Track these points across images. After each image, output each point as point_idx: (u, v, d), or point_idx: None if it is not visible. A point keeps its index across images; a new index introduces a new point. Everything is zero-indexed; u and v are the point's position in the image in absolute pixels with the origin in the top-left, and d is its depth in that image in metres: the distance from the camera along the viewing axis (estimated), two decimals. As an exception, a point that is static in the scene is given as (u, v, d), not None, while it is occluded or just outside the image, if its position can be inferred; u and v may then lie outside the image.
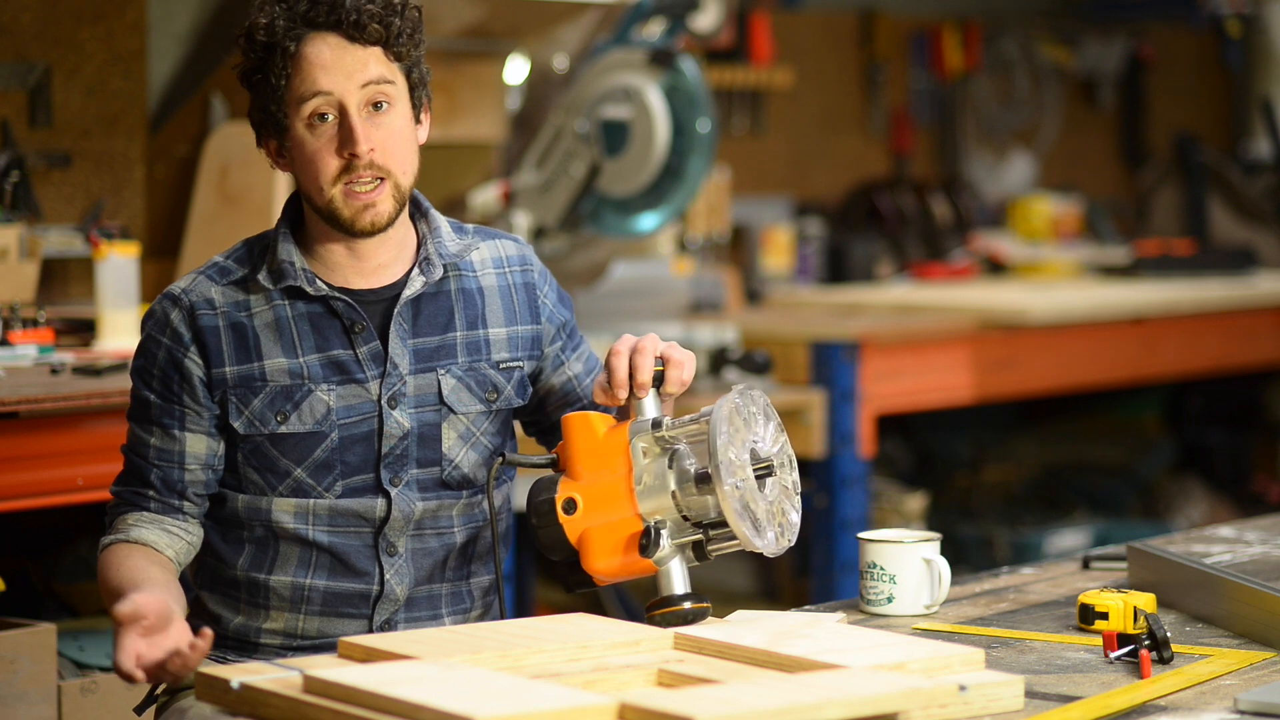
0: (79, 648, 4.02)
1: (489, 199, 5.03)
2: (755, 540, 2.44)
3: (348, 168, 2.64)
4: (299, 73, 2.64)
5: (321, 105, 2.64)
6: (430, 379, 2.72)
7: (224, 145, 4.75)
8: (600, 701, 2.06)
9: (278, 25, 2.64)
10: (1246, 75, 8.39)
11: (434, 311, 2.74)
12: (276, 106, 2.66)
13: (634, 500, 2.50)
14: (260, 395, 2.67)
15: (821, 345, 5.30)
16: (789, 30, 6.95)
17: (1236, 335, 6.45)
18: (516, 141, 5.31)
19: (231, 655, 2.72)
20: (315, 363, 2.69)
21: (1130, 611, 2.57)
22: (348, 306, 2.69)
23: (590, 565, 2.53)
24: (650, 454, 2.51)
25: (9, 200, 4.41)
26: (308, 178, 2.67)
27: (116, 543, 2.69)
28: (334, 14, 2.64)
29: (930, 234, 6.95)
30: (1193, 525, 6.46)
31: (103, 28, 4.63)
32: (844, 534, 5.25)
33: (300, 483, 2.68)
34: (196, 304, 2.69)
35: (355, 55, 2.65)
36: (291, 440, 2.68)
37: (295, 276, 2.69)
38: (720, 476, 2.42)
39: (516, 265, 2.83)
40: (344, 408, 2.69)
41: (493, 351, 2.77)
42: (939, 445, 6.93)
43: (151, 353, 2.71)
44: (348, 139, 2.64)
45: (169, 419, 2.69)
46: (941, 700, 2.15)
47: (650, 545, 2.48)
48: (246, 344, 2.68)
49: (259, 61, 2.66)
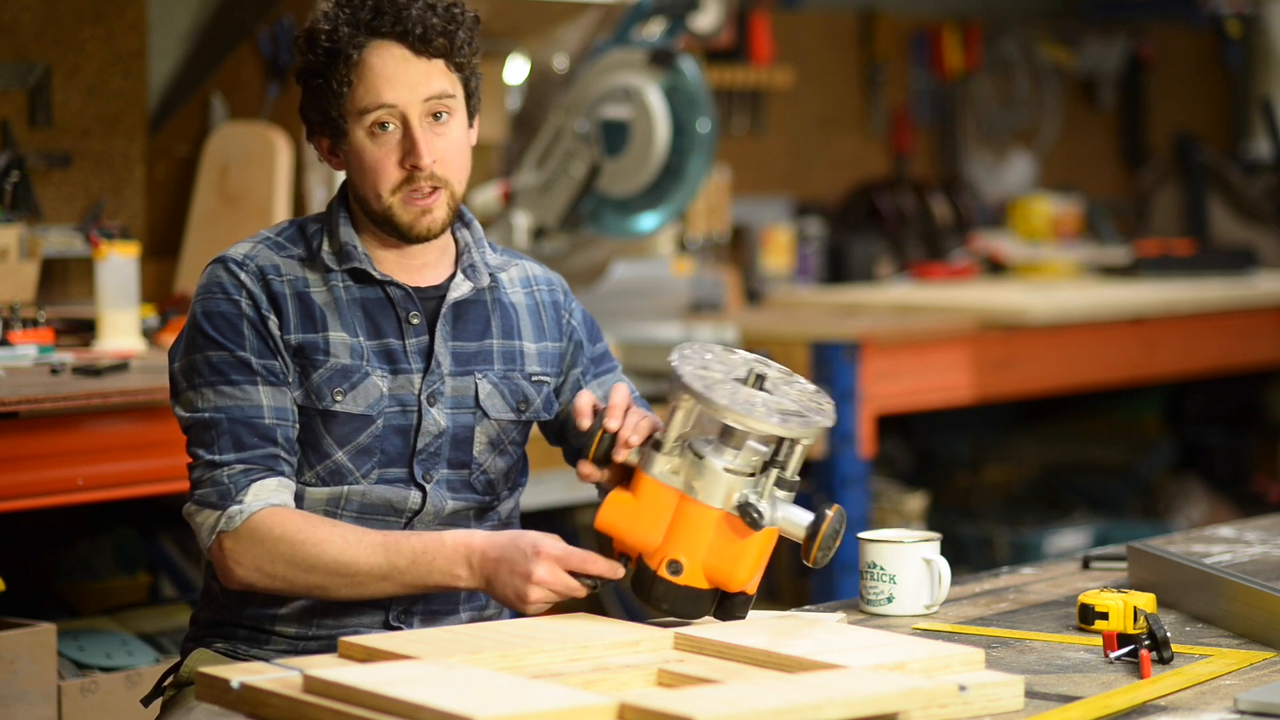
0: (79, 648, 4.02)
1: (489, 199, 5.03)
2: (795, 424, 2.42)
3: (409, 179, 2.67)
4: (362, 82, 2.65)
5: (384, 116, 2.66)
6: (468, 382, 2.74)
7: (224, 145, 4.75)
8: (600, 701, 2.06)
9: (341, 31, 2.65)
10: (1246, 75, 8.39)
11: (473, 318, 2.76)
12: (336, 111, 2.67)
13: (708, 509, 2.47)
14: (321, 369, 2.67)
15: (821, 345, 5.30)
16: (789, 30, 6.95)
17: (1236, 335, 6.45)
18: (516, 141, 5.31)
19: (243, 647, 2.72)
20: (372, 347, 2.70)
21: (1130, 611, 2.57)
22: (405, 295, 2.72)
23: (738, 586, 2.48)
24: (679, 468, 2.47)
25: (9, 200, 4.41)
26: (365, 184, 2.69)
27: (274, 507, 2.59)
28: (399, 24, 2.65)
29: (930, 234, 6.95)
30: (1193, 525, 6.46)
31: (103, 28, 4.63)
32: (844, 534, 5.24)
33: (339, 466, 2.68)
34: (265, 268, 2.69)
35: (419, 67, 2.67)
36: (341, 419, 2.67)
37: (359, 259, 2.70)
38: (719, 404, 2.40)
39: (544, 285, 2.86)
40: (393, 396, 2.70)
41: (526, 364, 2.79)
42: (939, 445, 6.93)
43: (233, 312, 2.66)
44: (411, 151, 2.66)
45: (274, 376, 2.65)
46: (941, 700, 2.15)
47: (755, 518, 2.45)
48: (313, 315, 2.68)
49: (320, 66, 2.67)
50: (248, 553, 2.60)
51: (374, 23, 2.66)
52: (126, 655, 4.04)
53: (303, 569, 2.59)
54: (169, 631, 4.14)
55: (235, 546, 2.60)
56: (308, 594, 2.62)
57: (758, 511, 2.45)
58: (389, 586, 2.59)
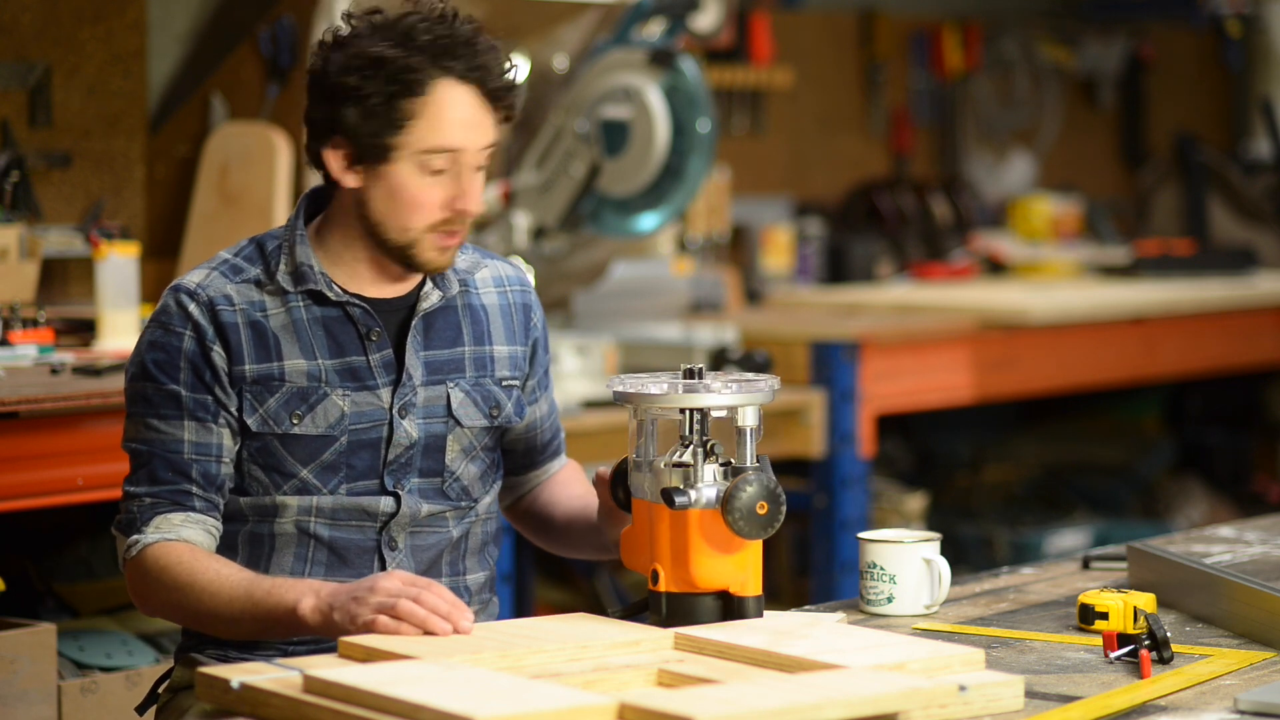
0: (79, 648, 4.02)
1: (489, 199, 5.03)
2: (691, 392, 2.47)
3: (448, 220, 2.65)
4: (428, 120, 2.61)
5: (444, 160, 2.63)
6: (440, 391, 2.73)
7: (224, 145, 4.75)
8: (600, 701, 2.06)
9: (416, 58, 2.60)
10: (1246, 75, 8.39)
11: (444, 325, 2.75)
12: (386, 139, 2.62)
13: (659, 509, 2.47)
14: (277, 395, 2.66)
15: (821, 345, 5.30)
16: (789, 30, 6.95)
17: (1236, 335, 6.45)
18: (516, 141, 5.31)
19: (233, 653, 2.72)
20: (331, 367, 2.68)
21: (1130, 611, 2.57)
22: (365, 313, 2.70)
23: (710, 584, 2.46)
24: (642, 480, 2.51)
25: (9, 200, 4.41)
26: (397, 214, 2.65)
27: (166, 542, 2.62)
28: (476, 70, 2.62)
29: (930, 234, 6.95)
30: (1193, 525, 6.46)
31: (103, 28, 4.63)
32: (844, 534, 5.25)
33: (305, 483, 2.68)
34: (215, 299, 2.67)
35: (486, 118, 2.65)
36: (302, 442, 2.67)
37: (315, 280, 2.68)
38: (620, 392, 2.49)
39: (516, 285, 2.85)
40: (356, 414, 2.68)
41: (496, 369, 2.79)
42: (939, 445, 6.93)
43: (174, 345, 2.66)
44: (462, 196, 2.64)
45: (204, 412, 2.65)
46: (941, 700, 2.15)
47: (670, 500, 2.45)
48: (266, 344, 2.67)
49: (382, 90, 2.60)
50: (138, 585, 2.65)
51: (450, 62, 2.61)
52: (126, 655, 4.04)
53: (178, 610, 2.63)
54: (169, 632, 4.14)
55: (133, 577, 2.66)
56: (196, 629, 2.66)
57: (674, 494, 2.44)
58: (248, 627, 2.58)
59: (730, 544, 2.46)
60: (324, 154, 2.68)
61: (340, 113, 2.63)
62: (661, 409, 2.49)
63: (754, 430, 2.48)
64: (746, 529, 2.42)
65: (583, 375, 4.75)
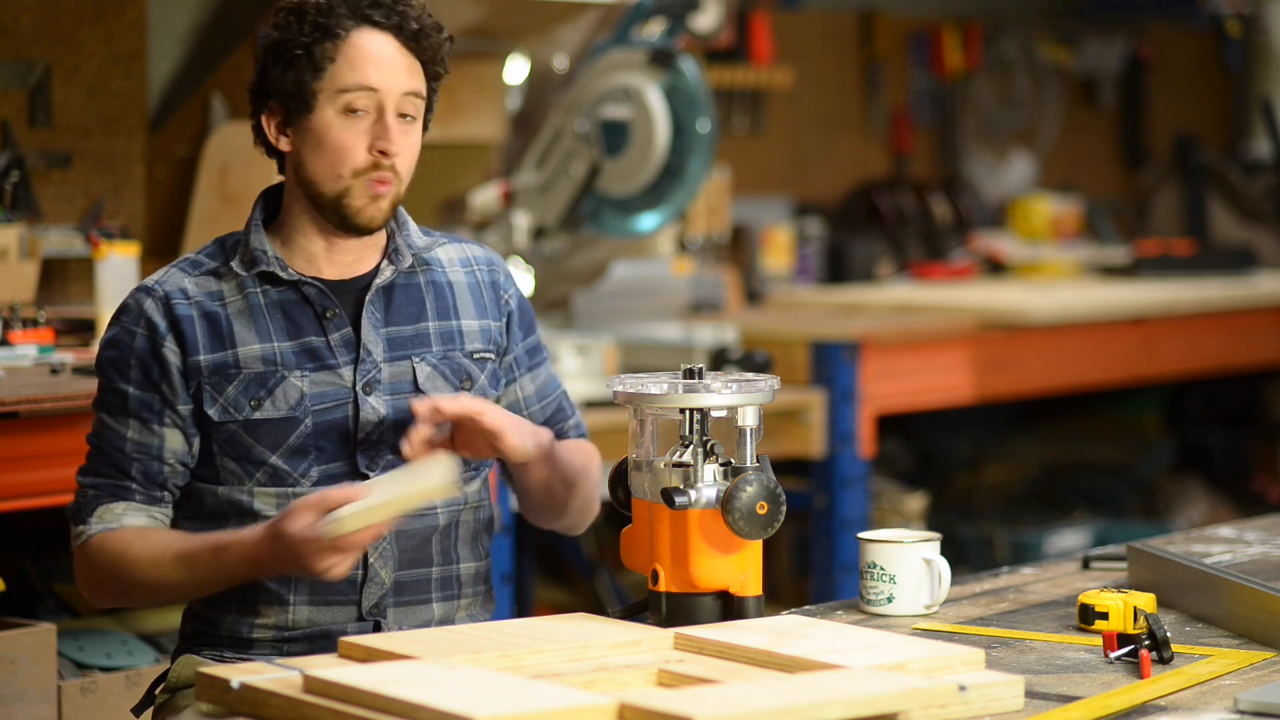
0: (79, 648, 4.02)
1: (489, 199, 5.03)
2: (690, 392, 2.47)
3: (374, 165, 2.69)
4: (347, 61, 2.68)
5: (362, 99, 2.68)
6: (405, 366, 2.75)
7: (224, 145, 4.75)
8: (600, 701, 2.06)
9: (337, 9, 2.68)
10: (1246, 75, 8.39)
11: (405, 301, 2.78)
12: (310, 86, 2.68)
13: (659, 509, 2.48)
14: (234, 382, 2.70)
15: (821, 345, 5.30)
16: (789, 30, 6.95)
17: (1236, 335, 6.45)
18: (516, 141, 5.31)
19: (228, 654, 2.72)
20: (289, 349, 2.71)
21: (1130, 611, 2.57)
22: (319, 292, 2.73)
23: (709, 584, 2.46)
24: (642, 481, 2.51)
25: (9, 200, 4.41)
26: (324, 163, 2.70)
27: (108, 531, 2.68)
28: (394, 16, 2.70)
29: (930, 234, 6.95)
30: (1193, 525, 6.46)
31: (103, 28, 4.63)
32: (844, 534, 5.25)
33: (277, 470, 2.70)
34: (171, 294, 2.73)
35: (404, 61, 2.70)
36: (266, 426, 2.69)
37: (267, 263, 2.73)
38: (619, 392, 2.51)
39: (484, 265, 2.87)
40: (317, 394, 2.71)
41: (466, 342, 2.80)
42: (939, 445, 6.93)
43: (126, 344, 2.72)
44: (383, 136, 2.69)
45: (148, 412, 2.71)
46: (941, 700, 2.15)
47: (670, 500, 2.45)
48: (220, 332, 2.71)
49: (304, 38, 2.68)
50: (84, 572, 2.72)
51: (369, 10, 2.69)
52: (126, 655, 4.04)
53: (128, 588, 2.68)
54: (169, 631, 4.14)
55: (80, 565, 2.72)
56: (153, 606, 2.71)
57: (674, 494, 2.44)
58: (205, 585, 2.66)
59: (730, 544, 2.46)
60: (262, 123, 2.75)
61: (269, 73, 2.71)
62: (661, 409, 2.50)
63: (754, 430, 2.49)
64: (746, 529, 2.43)
65: (583, 375, 4.75)
